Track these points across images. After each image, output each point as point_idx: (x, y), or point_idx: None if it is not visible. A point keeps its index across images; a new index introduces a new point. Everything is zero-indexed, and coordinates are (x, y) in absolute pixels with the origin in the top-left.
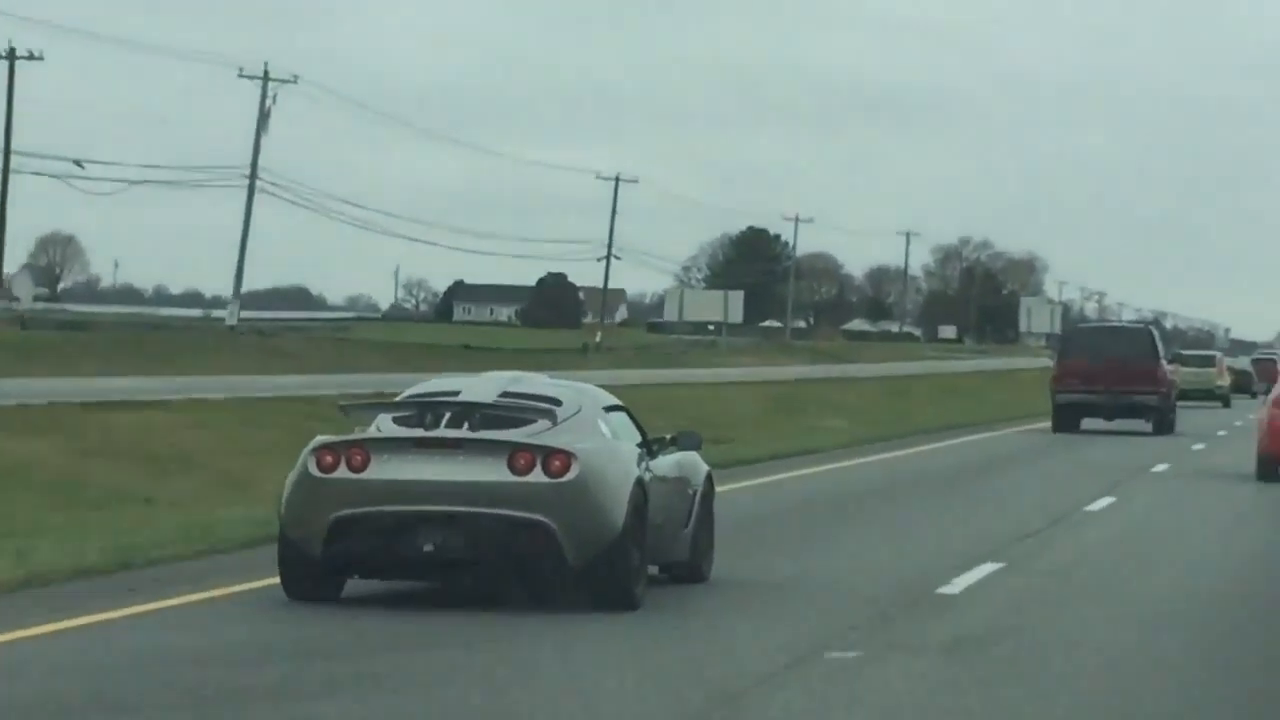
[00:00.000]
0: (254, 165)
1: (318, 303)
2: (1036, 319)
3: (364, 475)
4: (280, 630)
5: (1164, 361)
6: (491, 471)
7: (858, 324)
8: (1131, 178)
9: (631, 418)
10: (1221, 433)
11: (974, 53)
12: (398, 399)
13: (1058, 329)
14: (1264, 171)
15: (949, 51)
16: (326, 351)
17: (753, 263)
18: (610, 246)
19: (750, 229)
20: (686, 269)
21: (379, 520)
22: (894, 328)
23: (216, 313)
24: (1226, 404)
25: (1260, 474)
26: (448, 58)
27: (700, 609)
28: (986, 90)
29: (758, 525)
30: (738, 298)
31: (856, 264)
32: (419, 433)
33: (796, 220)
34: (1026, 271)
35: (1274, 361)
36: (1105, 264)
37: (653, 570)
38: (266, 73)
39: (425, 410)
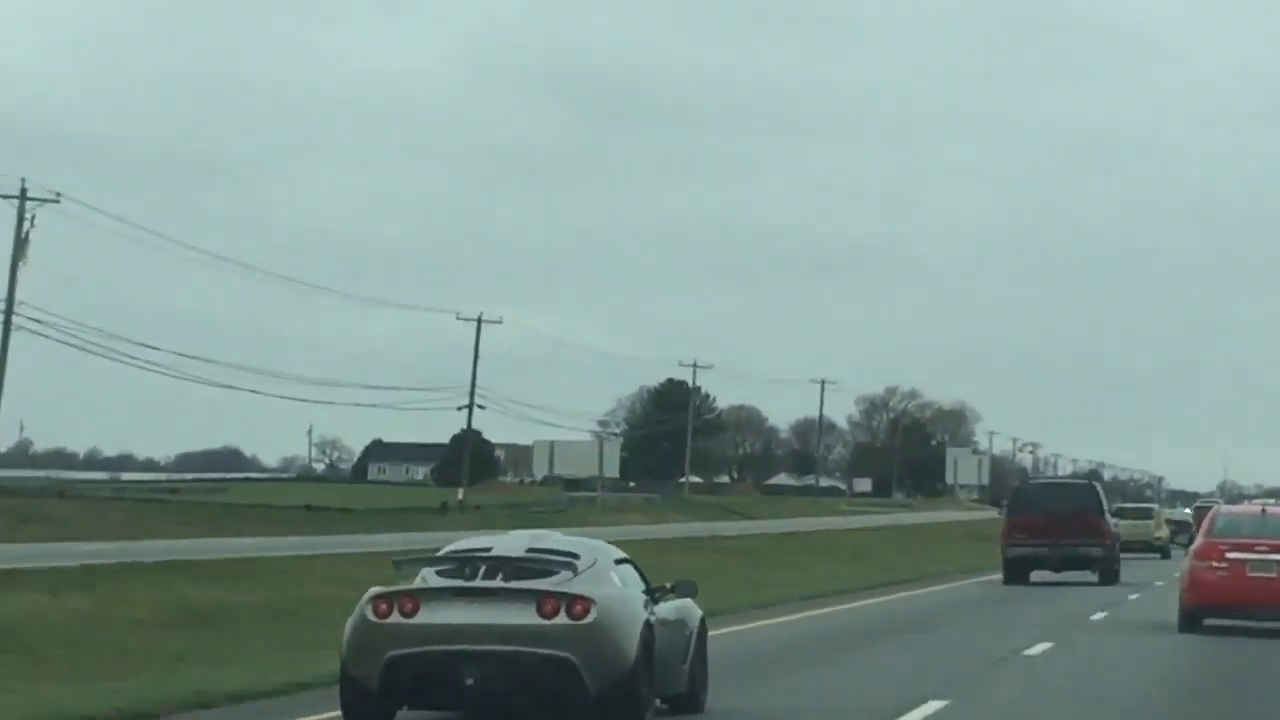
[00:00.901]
0: (10, 298)
1: (250, 464)
2: (964, 470)
3: (414, 620)
4: None
5: (1108, 515)
6: (523, 615)
7: (782, 478)
8: (1064, 327)
9: (637, 569)
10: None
11: (899, 205)
12: (439, 554)
13: (986, 480)
14: (1198, 320)
15: (872, 204)
16: (104, 517)
17: (671, 414)
18: (473, 394)
19: (669, 381)
20: (604, 423)
21: (428, 658)
22: (820, 481)
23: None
24: (1165, 555)
25: (1182, 625)
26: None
27: None
28: (916, 241)
29: None
30: (614, 449)
31: (783, 417)
32: (460, 583)
33: (694, 367)
34: (956, 422)
35: None
36: (1038, 414)
37: (656, 702)
38: (24, 191)
39: (464, 564)
